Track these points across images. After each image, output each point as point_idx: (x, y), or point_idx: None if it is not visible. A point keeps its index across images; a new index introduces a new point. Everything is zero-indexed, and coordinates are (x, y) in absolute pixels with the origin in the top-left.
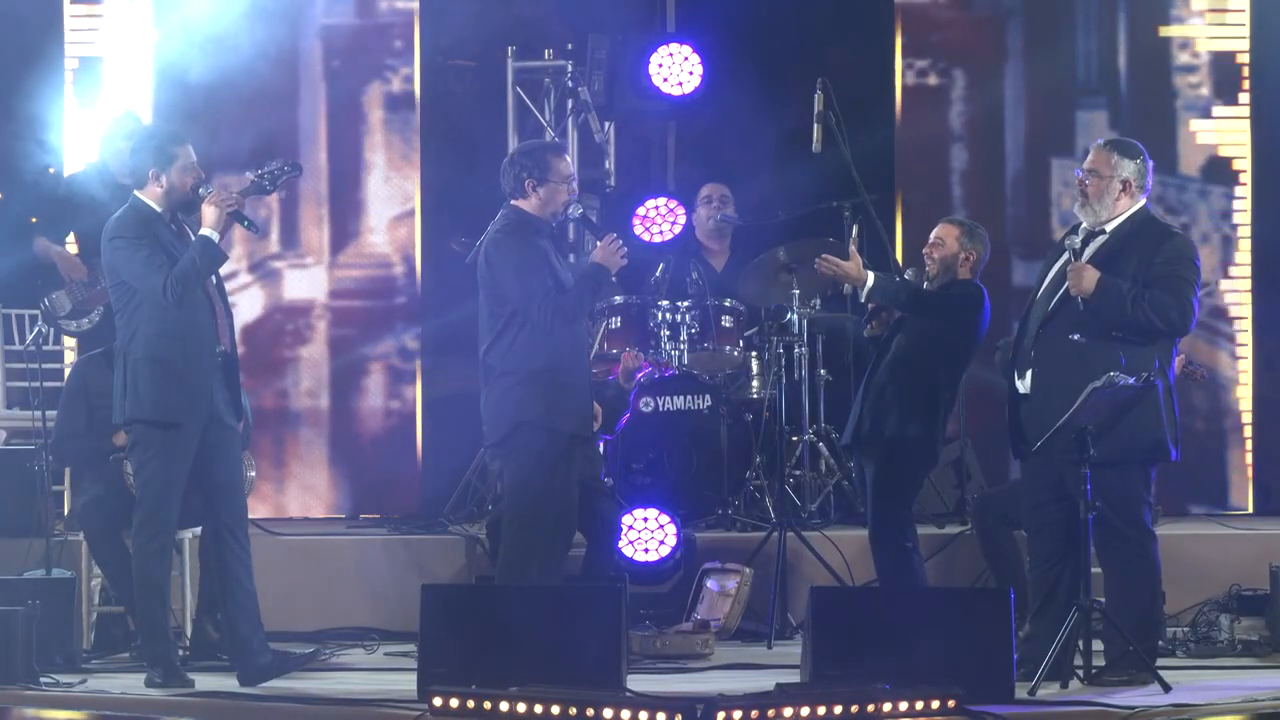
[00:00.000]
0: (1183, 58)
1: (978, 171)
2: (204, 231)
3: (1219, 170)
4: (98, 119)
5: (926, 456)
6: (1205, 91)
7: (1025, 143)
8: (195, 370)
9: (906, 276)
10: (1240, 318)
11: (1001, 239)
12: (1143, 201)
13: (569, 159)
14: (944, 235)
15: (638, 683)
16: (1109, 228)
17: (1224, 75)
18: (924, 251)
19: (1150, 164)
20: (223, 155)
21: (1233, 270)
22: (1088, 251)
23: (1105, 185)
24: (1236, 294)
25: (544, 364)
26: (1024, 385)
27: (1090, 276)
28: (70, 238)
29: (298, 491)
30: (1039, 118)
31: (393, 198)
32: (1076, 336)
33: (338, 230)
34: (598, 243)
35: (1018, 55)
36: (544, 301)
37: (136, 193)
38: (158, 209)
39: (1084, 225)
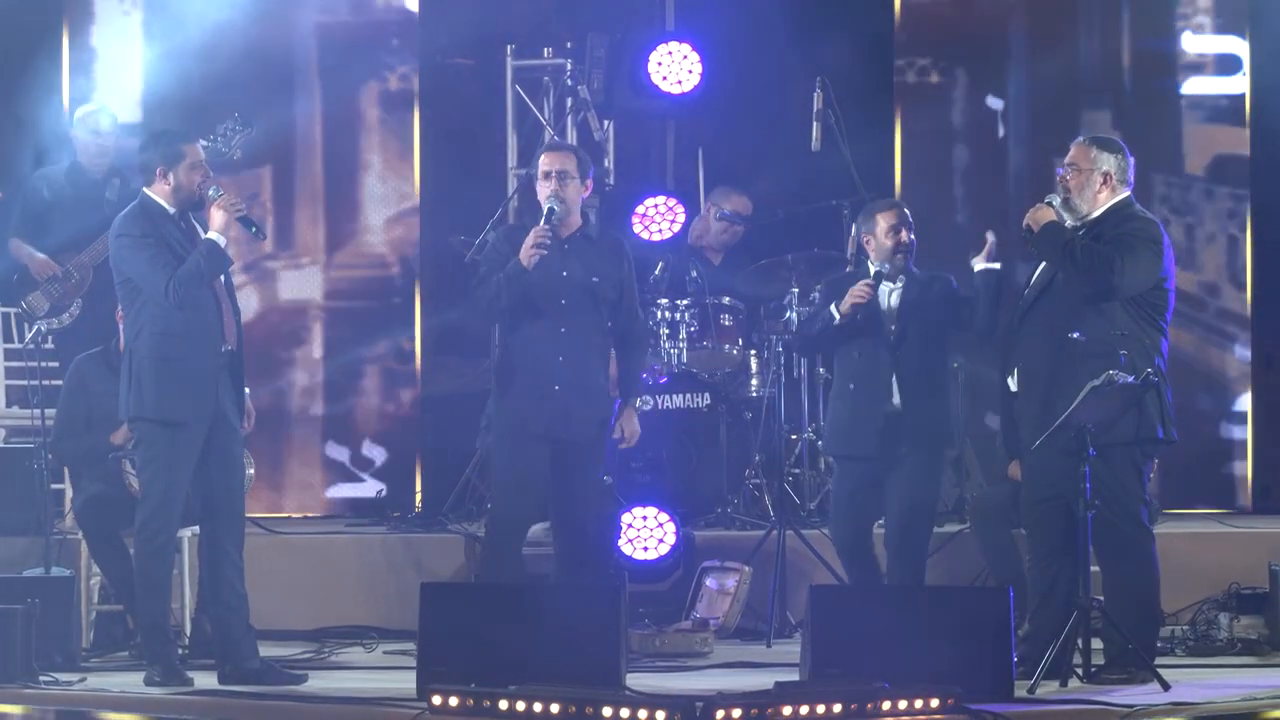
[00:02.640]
0: (1188, 55)
1: (979, 170)
2: (210, 235)
3: (1224, 170)
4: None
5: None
6: (1210, 90)
7: (1028, 142)
8: (200, 369)
9: (869, 285)
10: (1241, 316)
11: (1004, 238)
12: (1125, 194)
13: (547, 155)
14: (907, 213)
15: (637, 681)
16: (1088, 221)
17: (1229, 74)
18: (903, 240)
19: (1131, 160)
20: (217, 154)
21: (1235, 269)
22: None
23: (1085, 179)
24: (1238, 292)
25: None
26: (1014, 383)
27: (1046, 214)
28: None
29: (295, 491)
30: (1042, 116)
31: (389, 197)
32: (1076, 335)
33: (334, 230)
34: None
35: (1020, 53)
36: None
37: (146, 190)
38: (167, 207)
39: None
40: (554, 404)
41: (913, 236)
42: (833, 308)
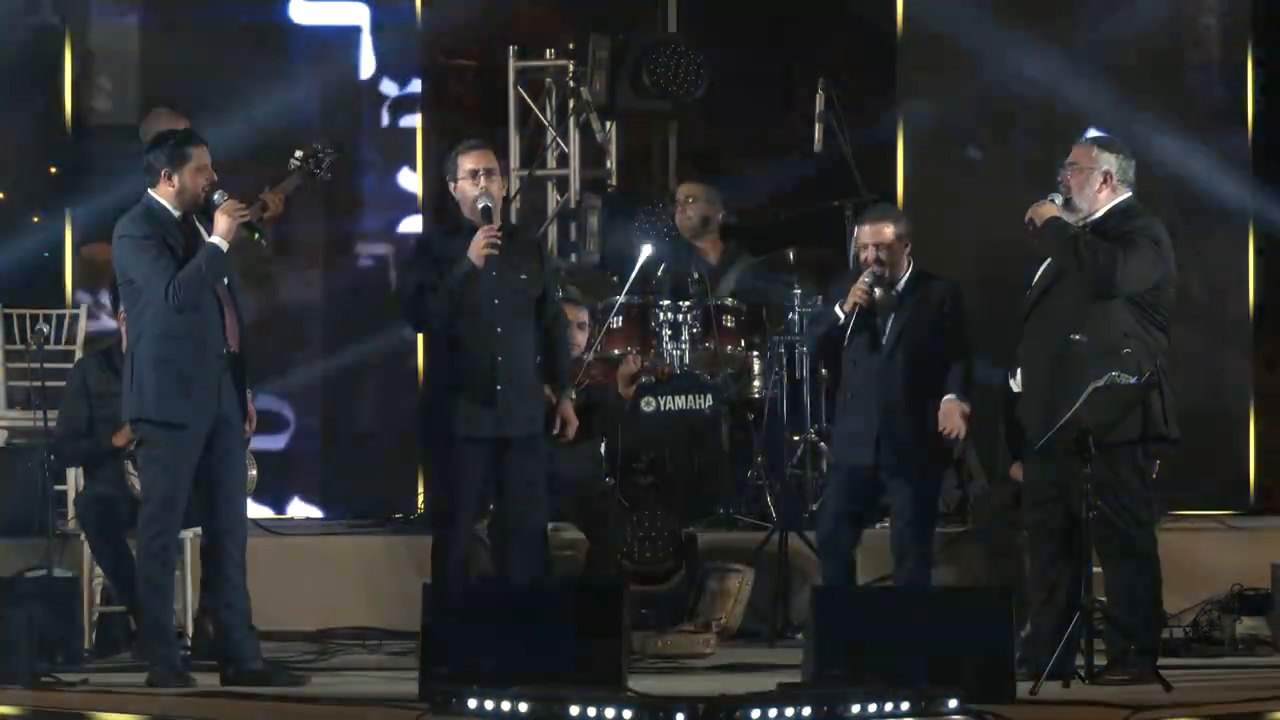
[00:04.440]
0: (1194, 56)
1: (983, 171)
2: (213, 239)
3: (1227, 171)
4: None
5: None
6: (1216, 90)
7: (1033, 140)
8: (201, 371)
9: (866, 282)
10: (1244, 318)
11: (1008, 238)
12: (1126, 194)
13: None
14: (884, 233)
15: (639, 683)
16: (1091, 220)
17: (1233, 74)
18: (869, 258)
19: (1133, 160)
20: (218, 156)
21: (1239, 271)
22: None
23: (1086, 177)
24: (1241, 294)
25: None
26: (1016, 384)
27: (1048, 209)
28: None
29: (297, 493)
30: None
31: (390, 199)
32: (1079, 336)
33: (335, 231)
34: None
35: (1024, 54)
36: None
37: (150, 191)
38: (171, 209)
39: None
40: (498, 406)
41: (882, 254)
42: (836, 308)
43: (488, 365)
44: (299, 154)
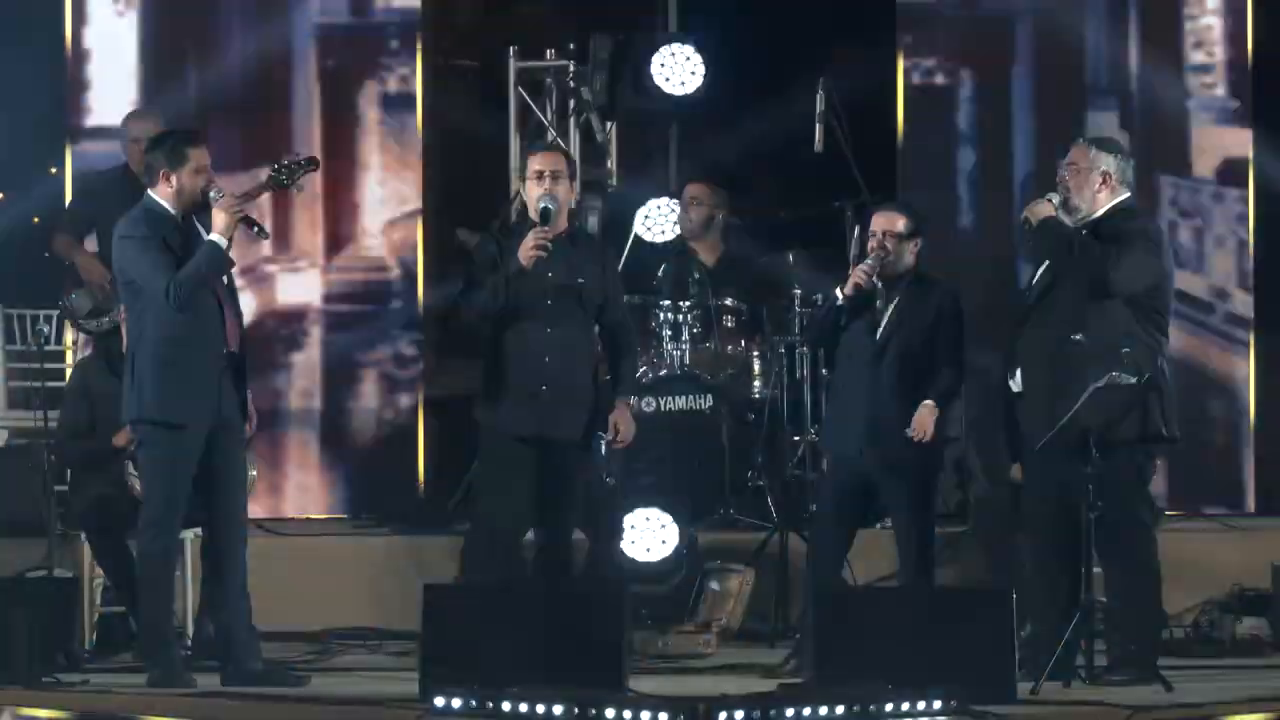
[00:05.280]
0: (1196, 57)
1: (984, 173)
2: (212, 237)
3: (1232, 172)
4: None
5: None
6: (1219, 92)
7: (1034, 144)
8: (202, 372)
9: (868, 264)
10: (1246, 319)
11: (1007, 240)
12: (1125, 195)
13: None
14: (895, 224)
15: (639, 683)
16: (1088, 221)
17: (1237, 75)
18: (875, 245)
19: (1131, 160)
20: (216, 156)
21: (1243, 272)
22: None
23: (1084, 178)
24: (1245, 295)
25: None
26: (1016, 384)
27: (1045, 209)
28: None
29: (296, 495)
30: (1048, 119)
31: (389, 200)
32: (1078, 337)
33: (332, 233)
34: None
35: (1026, 56)
36: None
37: (149, 192)
38: (170, 209)
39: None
40: (541, 406)
41: (898, 246)
42: (837, 290)
43: (535, 365)
44: (284, 162)
